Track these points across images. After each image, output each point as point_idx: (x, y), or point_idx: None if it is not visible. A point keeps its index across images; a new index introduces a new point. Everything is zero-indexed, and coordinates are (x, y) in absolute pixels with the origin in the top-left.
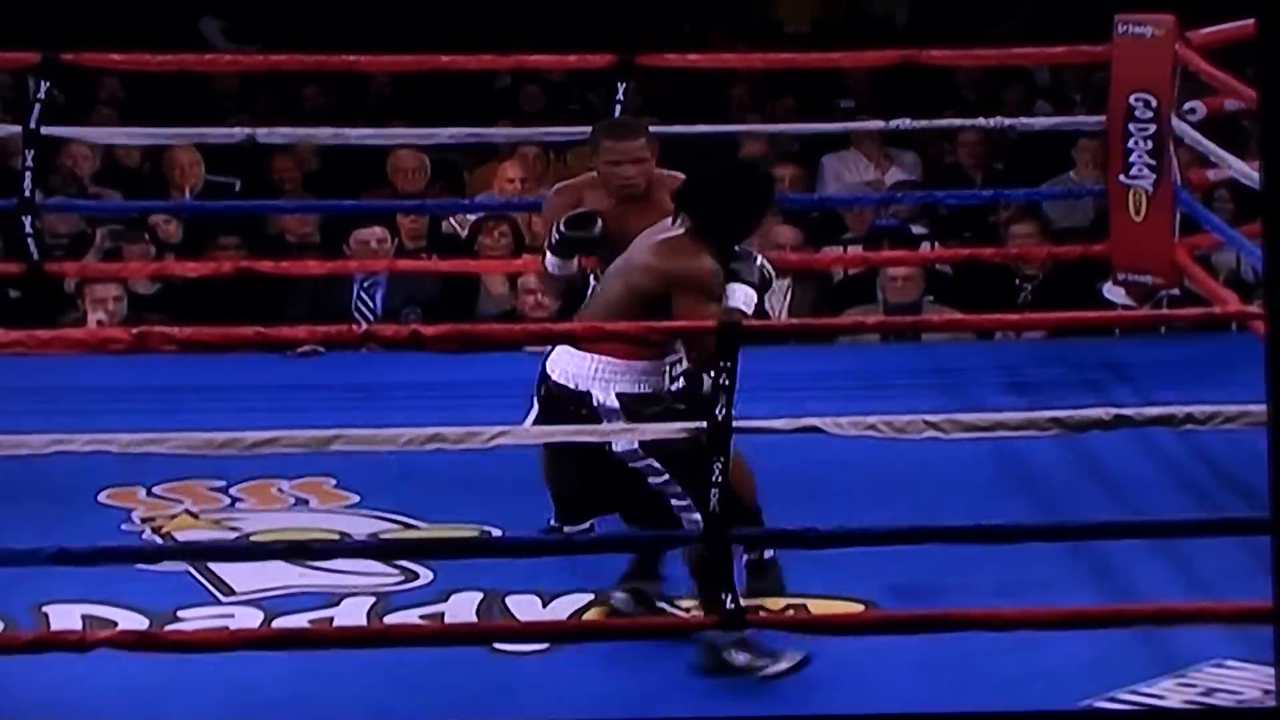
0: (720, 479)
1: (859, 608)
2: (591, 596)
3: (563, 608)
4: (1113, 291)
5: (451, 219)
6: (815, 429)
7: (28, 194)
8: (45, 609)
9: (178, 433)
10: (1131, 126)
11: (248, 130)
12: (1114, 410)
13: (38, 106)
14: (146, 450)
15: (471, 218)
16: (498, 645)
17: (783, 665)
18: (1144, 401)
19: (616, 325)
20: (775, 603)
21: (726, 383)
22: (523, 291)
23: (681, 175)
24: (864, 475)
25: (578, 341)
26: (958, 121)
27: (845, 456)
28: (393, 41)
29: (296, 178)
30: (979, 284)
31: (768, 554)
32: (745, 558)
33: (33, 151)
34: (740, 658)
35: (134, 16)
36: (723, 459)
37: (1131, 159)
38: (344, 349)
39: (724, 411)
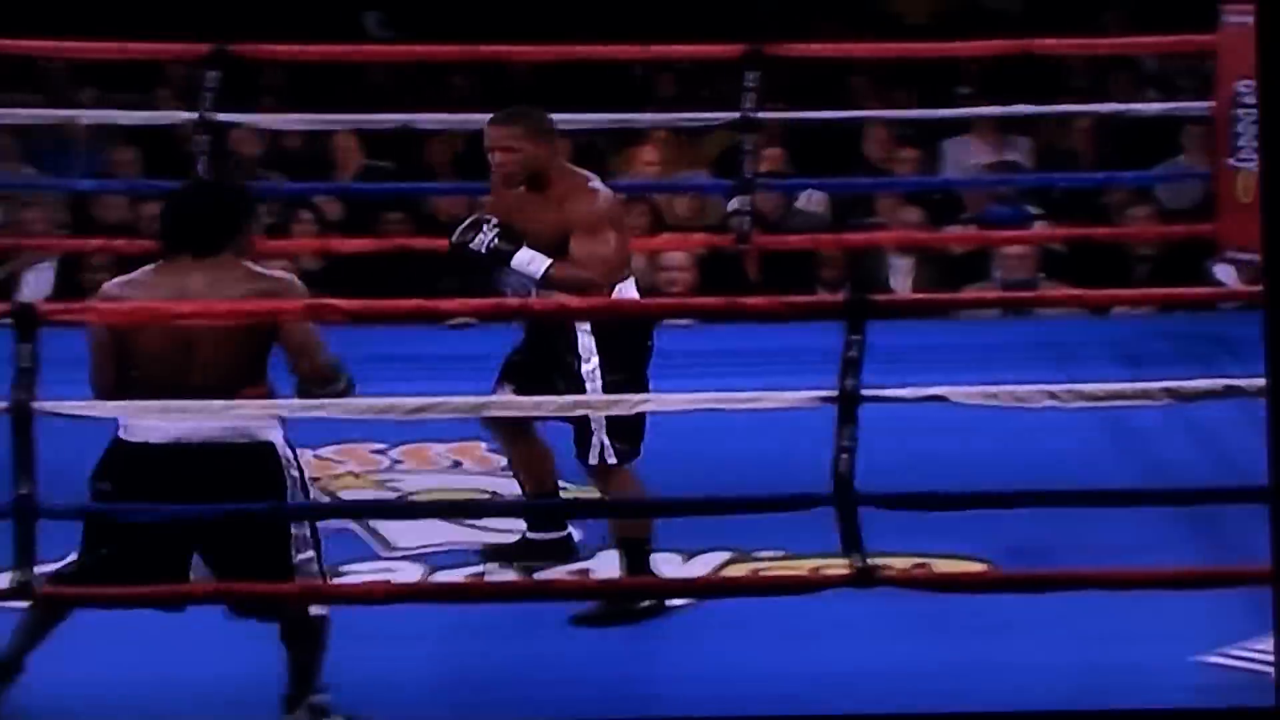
0: (851, 445)
1: (981, 567)
2: (730, 554)
3: (702, 565)
4: (1222, 270)
5: None
6: (940, 398)
7: (202, 175)
8: None
9: (340, 400)
10: (1239, 111)
11: (403, 117)
12: (1225, 381)
13: (209, 95)
14: (314, 415)
15: None
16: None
17: None
18: (1252, 375)
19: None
20: (903, 561)
21: (855, 354)
22: (661, 268)
23: (589, 176)
24: (979, 442)
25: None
26: (1073, 108)
27: (960, 424)
28: (536, 32)
29: (447, 161)
30: (1091, 263)
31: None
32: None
33: (205, 137)
34: None
35: (299, 11)
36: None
37: (1239, 143)
38: (497, 322)
39: (853, 381)
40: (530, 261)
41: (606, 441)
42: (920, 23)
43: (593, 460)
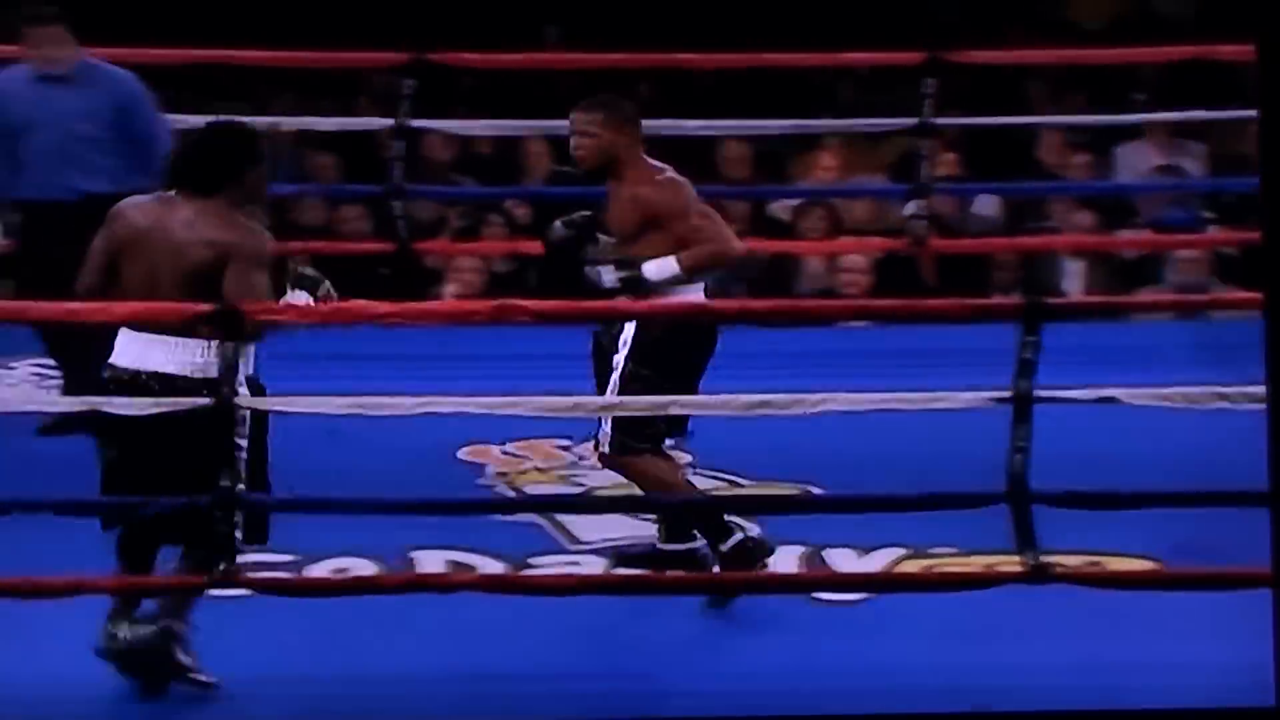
0: (1025, 445)
1: (1151, 565)
2: (905, 550)
3: (877, 560)
4: None
5: (775, 204)
6: (1112, 400)
7: (397, 181)
8: (413, 554)
9: (531, 396)
10: None
11: None
12: None
13: (405, 102)
14: (504, 412)
15: (792, 203)
16: (817, 595)
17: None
18: None
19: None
20: (1075, 559)
21: (1030, 356)
22: (840, 270)
23: (664, 168)
24: (1147, 441)
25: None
26: (1246, 113)
27: (1130, 424)
28: (718, 40)
29: None
30: (1263, 267)
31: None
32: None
33: (400, 143)
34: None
35: (486, 22)
36: (1027, 428)
37: None
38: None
39: (1026, 383)
40: (660, 270)
41: (608, 430)
42: (1096, 29)
43: (597, 444)
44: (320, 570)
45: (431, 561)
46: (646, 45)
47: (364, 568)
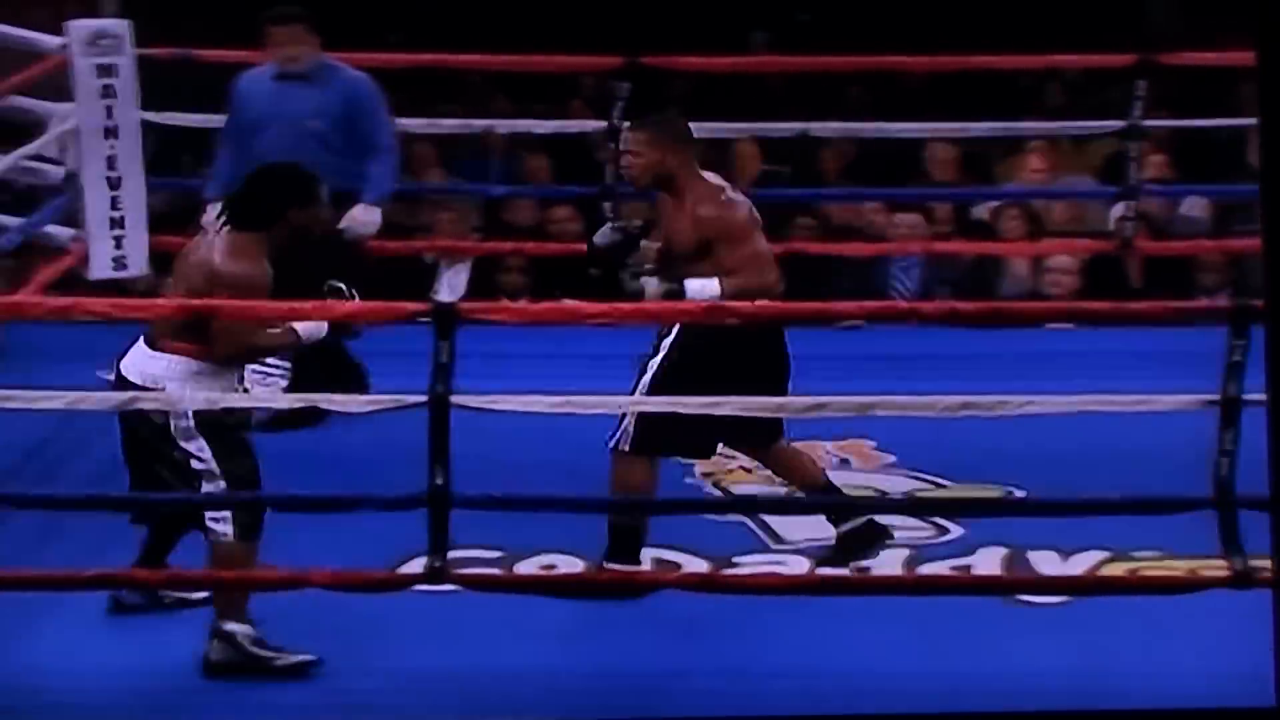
0: (1232, 449)
1: None
2: (1108, 553)
3: (1081, 563)
4: None
5: (979, 206)
6: None
7: (609, 182)
8: None
9: (739, 397)
10: None
11: (801, 125)
12: None
13: (619, 104)
14: (709, 412)
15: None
16: (1020, 596)
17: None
18: None
19: None
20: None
21: (1239, 360)
22: (1045, 272)
23: (723, 185)
24: None
25: None
26: None
27: None
28: (927, 43)
29: (839, 168)
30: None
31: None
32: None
33: (613, 145)
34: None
35: (694, 28)
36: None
37: None
38: (886, 323)
39: (1236, 386)
40: (703, 289)
41: (630, 427)
42: None
43: (610, 439)
44: (528, 567)
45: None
46: (855, 48)
47: (570, 564)
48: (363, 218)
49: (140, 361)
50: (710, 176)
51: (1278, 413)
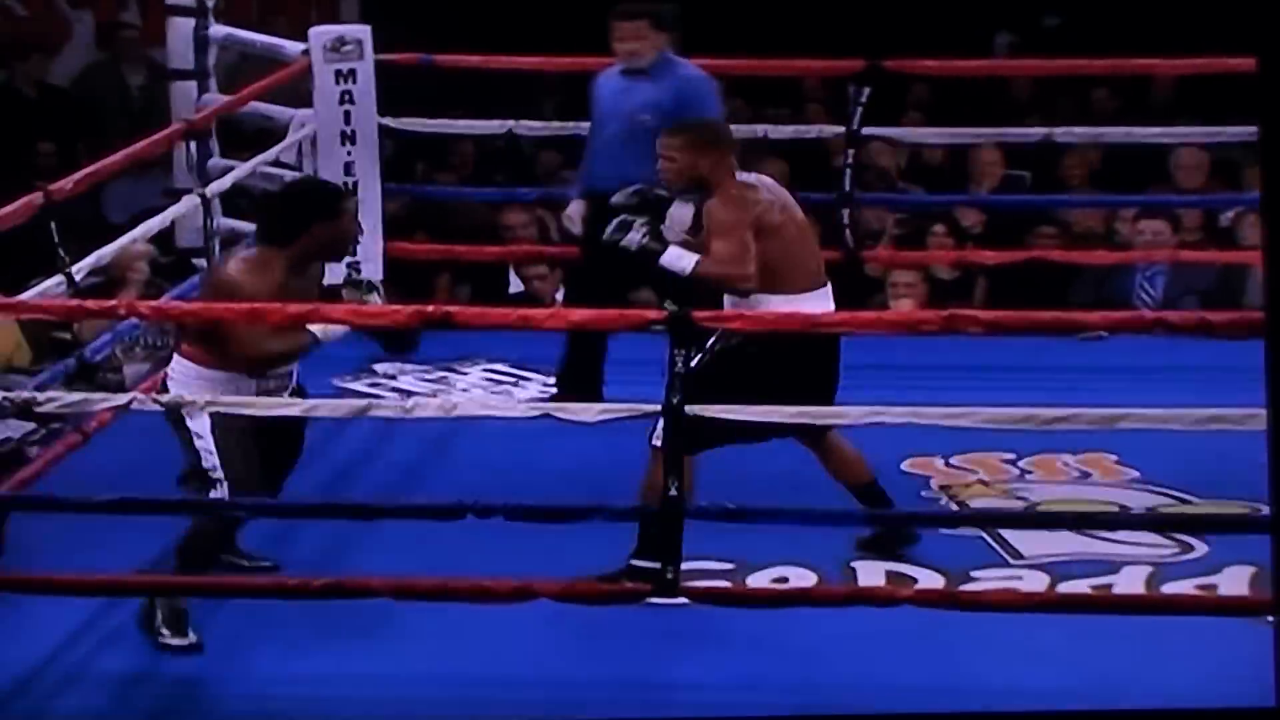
0: None
1: None
2: None
3: None
4: None
5: (1227, 213)
6: None
7: (847, 189)
8: (853, 565)
9: (979, 408)
10: None
11: (1045, 130)
12: None
13: (858, 110)
14: (952, 424)
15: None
16: (1271, 617)
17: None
18: None
19: None
20: None
21: None
22: None
23: (753, 185)
24: None
25: None
26: None
27: None
28: (1178, 45)
29: (1082, 174)
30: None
31: None
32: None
33: (852, 150)
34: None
35: (935, 30)
36: None
37: None
38: (1130, 333)
39: None
40: (679, 259)
41: (664, 424)
42: None
43: (650, 435)
44: (760, 580)
45: (872, 573)
46: (1102, 51)
47: (804, 578)
48: (675, 214)
49: (172, 362)
50: (747, 177)
51: (1278, 438)
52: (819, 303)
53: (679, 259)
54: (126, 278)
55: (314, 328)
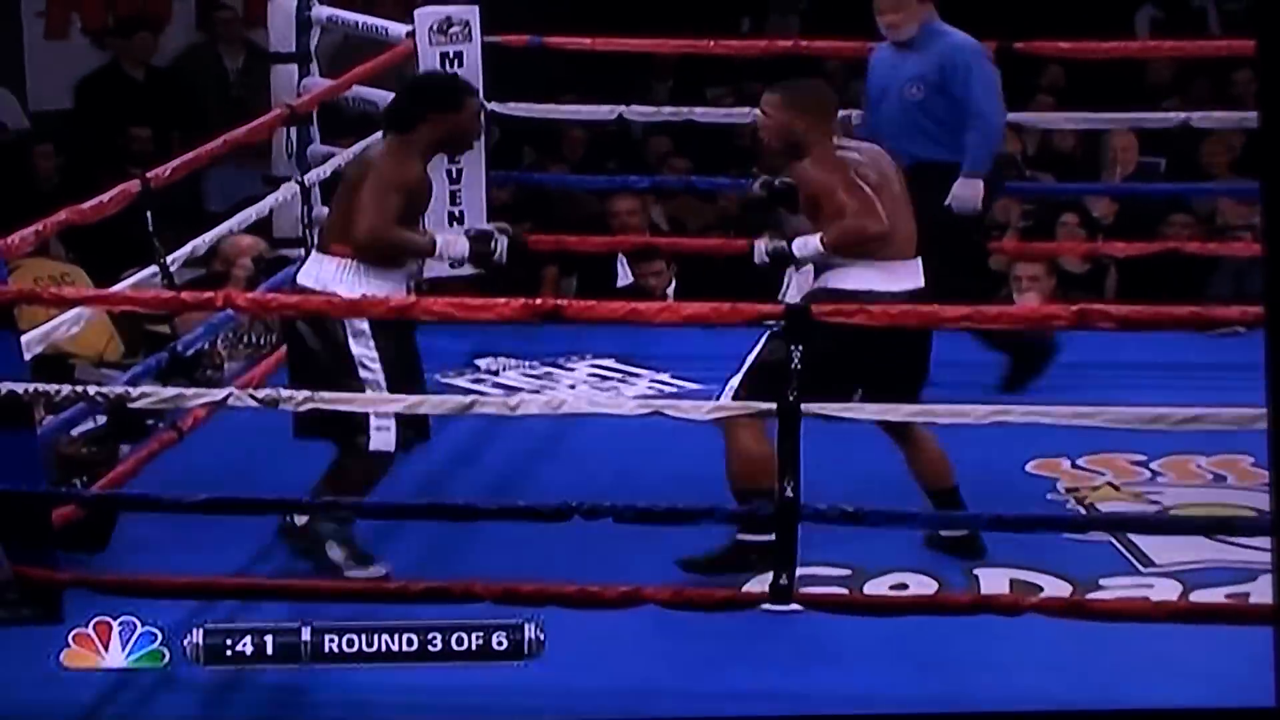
0: None
1: None
2: None
3: None
4: None
5: None
6: None
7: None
8: (976, 571)
9: (1108, 407)
10: None
11: (1184, 115)
12: None
13: None
14: (1080, 424)
15: None
16: None
17: (367, 571)
18: None
19: None
20: None
21: None
22: None
23: (848, 148)
24: None
25: None
26: None
27: None
28: None
29: (1224, 161)
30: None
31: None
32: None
33: None
34: (336, 553)
35: (1076, 9)
36: None
37: None
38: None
39: None
40: (805, 245)
41: (736, 384)
42: None
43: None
44: (879, 586)
45: (995, 580)
46: (1248, 31)
47: (924, 585)
48: (959, 192)
49: (313, 268)
50: (847, 142)
51: (1278, 444)
52: (909, 274)
53: (805, 245)
54: (231, 273)
55: (438, 239)
